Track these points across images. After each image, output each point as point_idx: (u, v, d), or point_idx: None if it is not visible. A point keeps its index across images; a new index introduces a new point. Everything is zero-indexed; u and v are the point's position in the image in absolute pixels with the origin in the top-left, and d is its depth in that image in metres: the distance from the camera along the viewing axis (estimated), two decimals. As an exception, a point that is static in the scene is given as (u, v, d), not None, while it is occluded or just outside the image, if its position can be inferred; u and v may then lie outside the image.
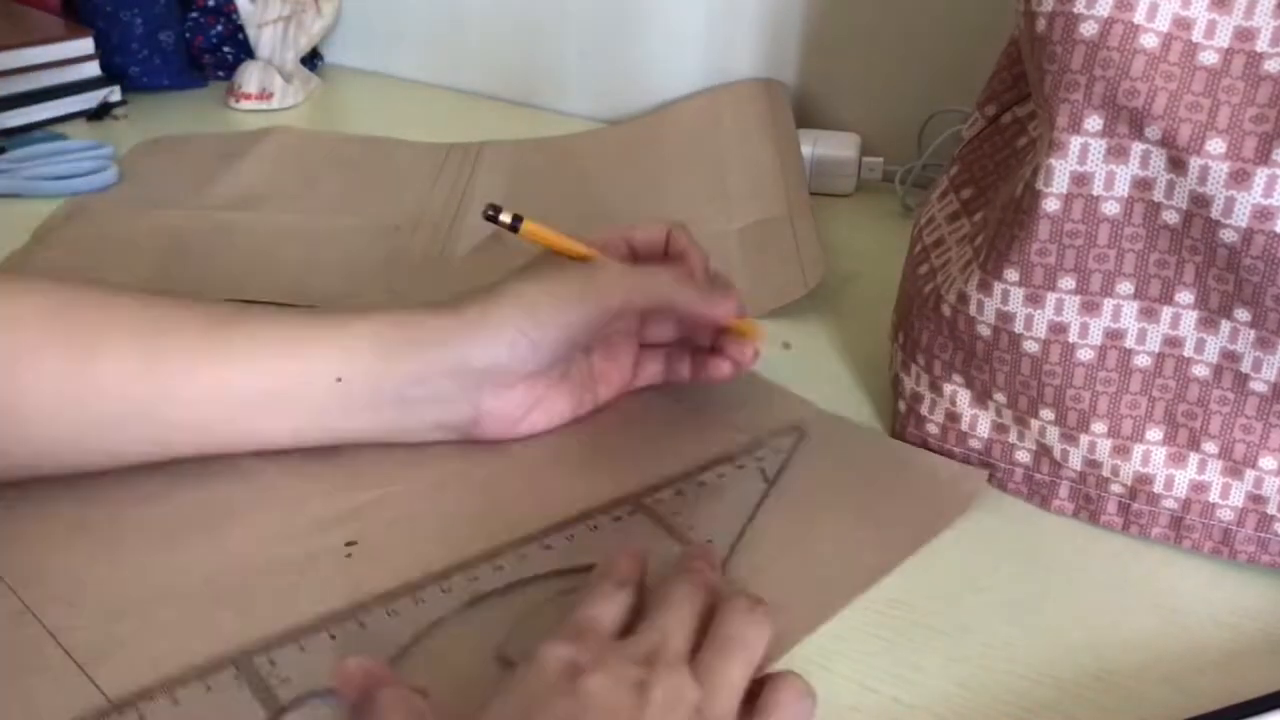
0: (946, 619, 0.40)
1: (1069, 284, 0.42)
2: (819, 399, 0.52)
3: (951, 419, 0.48)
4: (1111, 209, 0.40)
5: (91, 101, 0.88)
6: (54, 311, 0.40)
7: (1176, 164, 0.38)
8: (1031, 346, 0.43)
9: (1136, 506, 0.44)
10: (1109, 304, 0.42)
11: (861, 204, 0.77)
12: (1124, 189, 0.40)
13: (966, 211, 0.49)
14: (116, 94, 0.89)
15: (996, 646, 0.39)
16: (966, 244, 0.47)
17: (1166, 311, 0.41)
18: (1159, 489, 0.43)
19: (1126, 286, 0.42)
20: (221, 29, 0.97)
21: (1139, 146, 0.39)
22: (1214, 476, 0.42)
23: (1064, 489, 0.46)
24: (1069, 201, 0.41)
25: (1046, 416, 0.44)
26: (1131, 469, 0.43)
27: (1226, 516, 0.43)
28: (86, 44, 0.88)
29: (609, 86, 0.91)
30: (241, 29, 0.95)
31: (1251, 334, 0.40)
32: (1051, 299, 0.42)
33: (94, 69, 0.88)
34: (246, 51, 0.96)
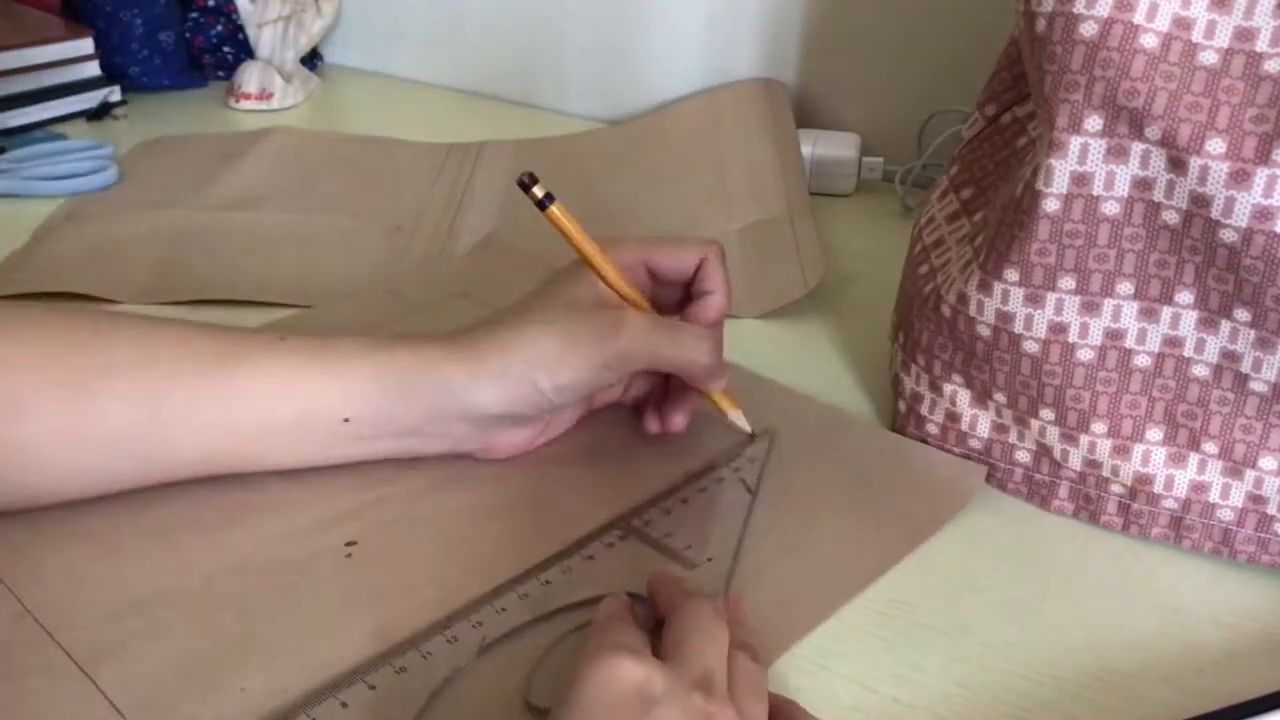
0: (946, 619, 0.40)
1: (1069, 284, 0.42)
2: (819, 399, 0.52)
3: (951, 419, 0.48)
4: (1111, 209, 0.40)
5: (91, 101, 0.88)
6: (53, 355, 0.40)
7: (1176, 164, 0.38)
8: (1031, 346, 0.43)
9: (1136, 506, 0.44)
10: (1109, 304, 0.42)
11: (861, 204, 0.77)
12: (1124, 189, 0.40)
13: (966, 211, 0.49)
14: (116, 94, 0.89)
15: (996, 646, 0.39)
16: (966, 244, 0.47)
17: (1166, 311, 0.41)
18: (1159, 489, 0.43)
19: (1126, 286, 0.42)
20: (221, 29, 0.97)
21: (1139, 146, 0.39)
22: (1214, 476, 0.42)
23: (1064, 489, 0.46)
24: (1069, 201, 0.41)
25: (1046, 416, 0.44)
26: (1131, 469, 0.43)
27: (1226, 516, 0.43)
28: (86, 44, 0.88)
29: (609, 86, 0.91)
30: (241, 29, 0.95)
31: (1251, 334, 0.40)
32: (1051, 299, 0.42)
33: (94, 69, 0.88)
34: (246, 51, 0.96)
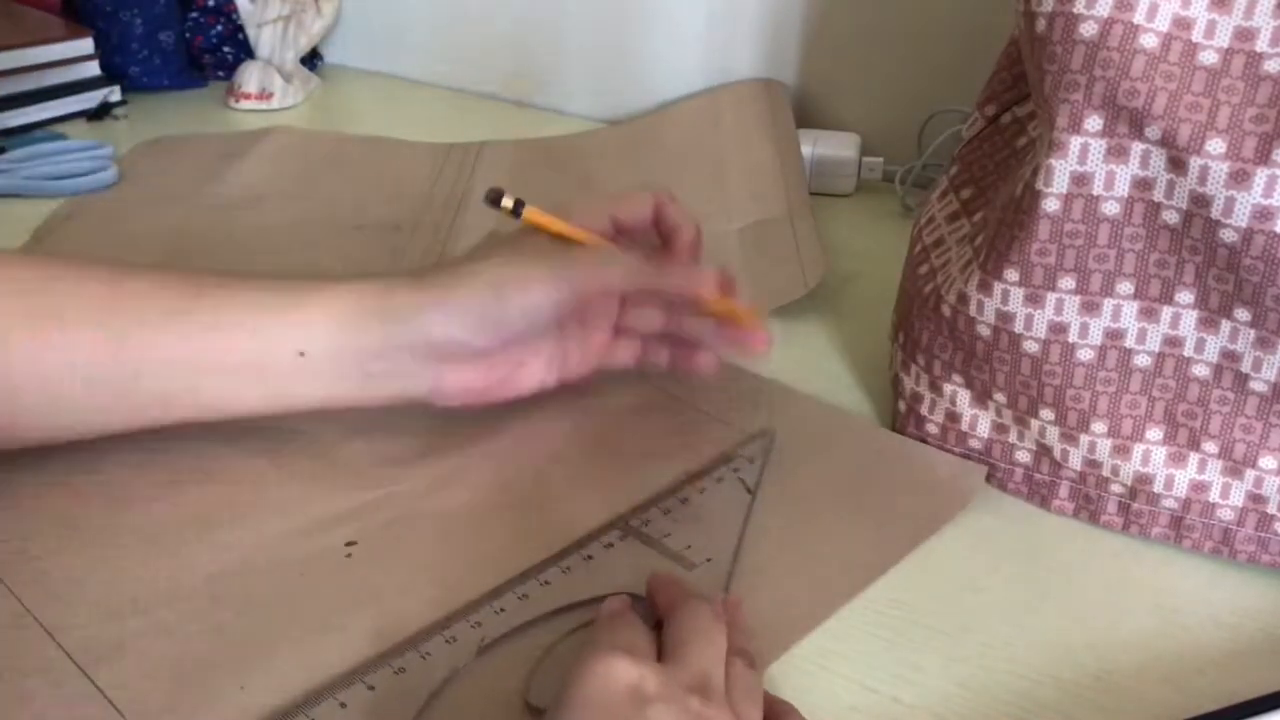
0: (946, 619, 0.40)
1: (1069, 284, 0.42)
2: (819, 399, 0.52)
3: (951, 419, 0.48)
4: (1111, 209, 0.40)
5: (91, 101, 0.88)
6: (28, 290, 0.41)
7: (1176, 164, 0.38)
8: (1031, 346, 0.43)
9: (1136, 506, 0.44)
10: (1109, 304, 0.42)
11: (861, 204, 0.77)
12: (1124, 189, 0.40)
13: (966, 211, 0.49)
14: (116, 94, 0.89)
15: (996, 646, 0.39)
16: (966, 244, 0.47)
17: (1166, 311, 0.41)
18: (1159, 489, 0.43)
19: (1126, 286, 0.42)
20: (221, 29, 0.97)
21: (1139, 146, 0.39)
22: (1214, 476, 0.42)
23: (1064, 489, 0.46)
24: (1069, 201, 0.41)
25: (1046, 416, 0.44)
26: (1131, 469, 0.43)
27: (1226, 516, 0.43)
28: (86, 44, 0.88)
29: (609, 86, 0.91)
30: (241, 29, 0.95)
31: (1251, 334, 0.40)
32: (1051, 299, 0.42)
33: (94, 69, 0.88)
34: (246, 51, 0.96)
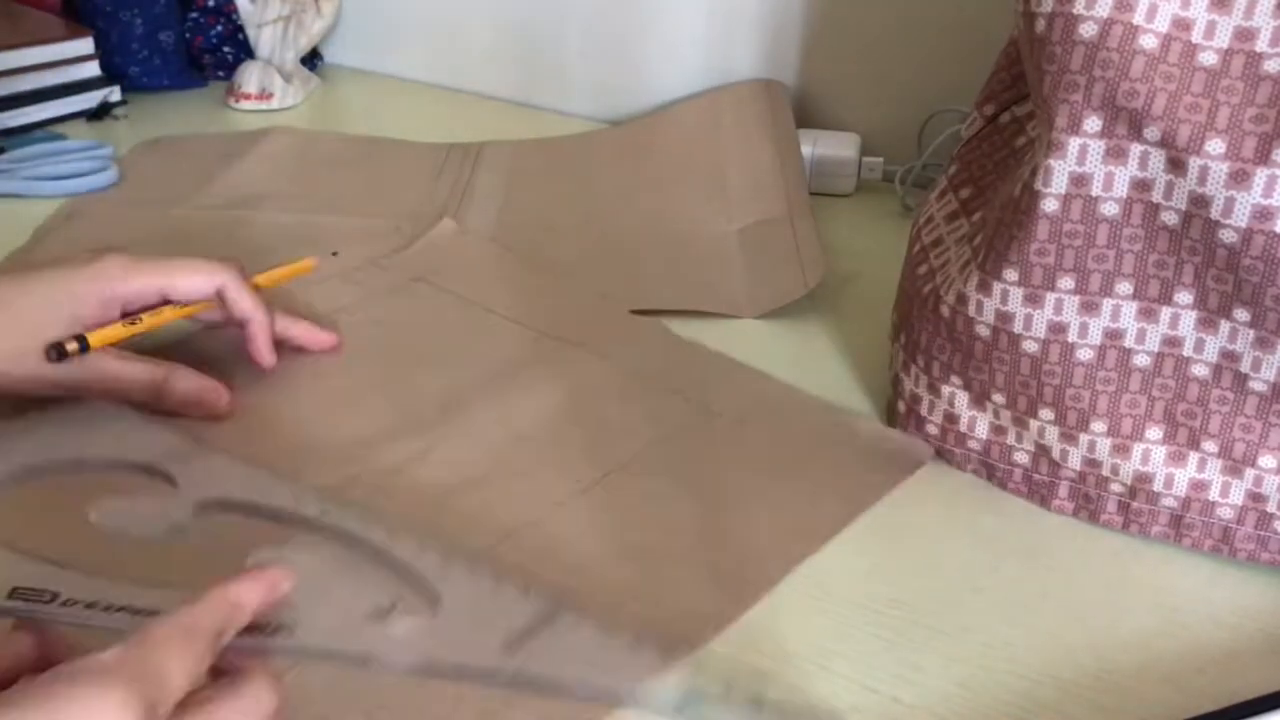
0: (946, 619, 0.40)
1: (1068, 284, 0.42)
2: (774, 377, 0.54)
3: (950, 420, 0.48)
4: (1110, 210, 0.41)
5: (91, 101, 0.88)
6: None
7: (1176, 164, 0.38)
8: (1031, 346, 0.43)
9: (1136, 505, 0.44)
10: (1108, 304, 0.42)
11: (861, 204, 0.77)
12: (1123, 190, 0.40)
13: (965, 211, 0.49)
14: (116, 94, 0.89)
15: (996, 646, 0.39)
16: (965, 244, 0.47)
17: (1166, 311, 0.41)
18: (1158, 488, 0.43)
19: (1125, 287, 0.42)
20: (221, 29, 0.97)
21: (1138, 147, 0.39)
22: (1214, 475, 0.43)
23: (1063, 489, 0.46)
24: (1068, 202, 0.41)
25: (1046, 416, 0.44)
26: (1131, 468, 0.44)
27: (1226, 515, 0.43)
28: (86, 44, 0.88)
29: (609, 86, 0.91)
30: (241, 29, 0.95)
31: (1251, 334, 0.40)
32: (1050, 299, 0.42)
33: (94, 69, 0.88)
34: (246, 51, 0.96)
